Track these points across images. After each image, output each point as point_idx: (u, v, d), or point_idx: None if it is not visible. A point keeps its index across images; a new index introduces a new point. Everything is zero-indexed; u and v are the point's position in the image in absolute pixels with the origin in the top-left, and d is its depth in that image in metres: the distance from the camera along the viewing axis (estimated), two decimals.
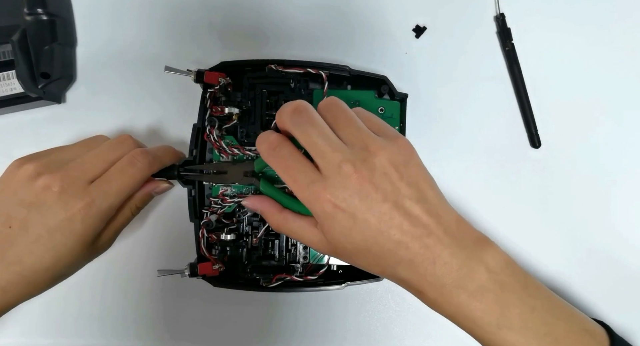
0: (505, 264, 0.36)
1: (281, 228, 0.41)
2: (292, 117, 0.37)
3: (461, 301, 0.35)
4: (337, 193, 0.35)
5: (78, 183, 0.40)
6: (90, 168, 0.42)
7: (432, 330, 0.55)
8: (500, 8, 0.57)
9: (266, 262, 0.49)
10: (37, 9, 0.53)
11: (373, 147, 0.36)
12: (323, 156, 0.36)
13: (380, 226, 0.35)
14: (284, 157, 0.38)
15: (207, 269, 0.48)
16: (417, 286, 0.36)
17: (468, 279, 0.35)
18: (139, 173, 0.43)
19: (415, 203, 0.36)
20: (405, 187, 0.36)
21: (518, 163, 0.56)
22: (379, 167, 0.36)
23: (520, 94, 0.56)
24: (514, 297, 0.36)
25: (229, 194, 0.50)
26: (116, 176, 0.42)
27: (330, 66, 0.51)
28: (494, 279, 0.35)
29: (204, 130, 0.49)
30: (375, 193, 0.35)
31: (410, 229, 0.35)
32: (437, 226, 0.36)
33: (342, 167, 0.35)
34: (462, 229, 0.37)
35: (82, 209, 0.40)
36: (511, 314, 0.35)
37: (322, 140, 0.36)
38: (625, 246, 0.55)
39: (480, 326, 0.36)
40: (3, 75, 0.53)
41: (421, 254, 0.35)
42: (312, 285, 0.50)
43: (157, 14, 0.57)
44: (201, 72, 0.49)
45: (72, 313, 0.55)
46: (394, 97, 0.52)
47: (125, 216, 0.45)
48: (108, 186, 0.41)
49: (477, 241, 0.37)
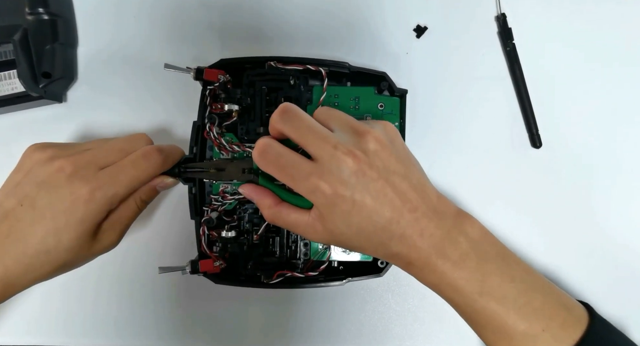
0: (484, 235, 0.39)
1: (275, 220, 0.41)
2: (281, 117, 0.39)
3: (445, 270, 0.37)
4: (335, 178, 0.36)
5: (89, 167, 0.41)
6: (103, 156, 0.43)
7: (432, 330, 0.55)
8: (502, 8, 0.57)
9: (267, 259, 0.49)
10: (38, 8, 0.53)
11: (361, 129, 0.39)
12: (316, 143, 0.37)
13: (375, 204, 0.37)
14: (275, 157, 0.39)
15: (208, 266, 0.48)
16: (407, 258, 0.38)
17: (451, 249, 0.38)
18: (151, 168, 0.44)
19: (402, 179, 0.38)
20: (395, 163, 0.38)
21: (519, 163, 0.56)
22: (370, 145, 0.38)
23: (521, 94, 0.56)
24: (493, 266, 0.38)
25: (230, 192, 0.50)
26: (127, 167, 0.43)
27: (330, 62, 0.51)
28: (474, 248, 0.38)
29: (204, 127, 0.49)
30: (369, 171, 0.37)
31: (400, 204, 0.37)
32: (422, 201, 0.38)
33: (336, 151, 0.37)
34: (443, 204, 0.39)
35: (87, 193, 0.40)
36: (491, 282, 0.37)
37: (313, 130, 0.38)
38: (626, 246, 0.55)
39: (462, 295, 0.38)
40: (4, 74, 0.53)
41: (410, 227, 0.37)
42: (313, 281, 0.50)
43: (157, 14, 0.58)
44: (201, 69, 0.49)
45: (72, 312, 0.55)
46: (393, 94, 0.52)
47: (130, 208, 0.45)
48: (117, 175, 0.42)
49: (457, 214, 0.39)
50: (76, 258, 0.42)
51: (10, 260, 0.39)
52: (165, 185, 0.47)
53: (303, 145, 0.38)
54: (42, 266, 0.40)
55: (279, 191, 0.42)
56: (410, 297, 0.55)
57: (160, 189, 0.47)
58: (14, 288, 0.41)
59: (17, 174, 0.42)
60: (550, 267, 0.54)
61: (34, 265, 0.40)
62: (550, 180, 0.55)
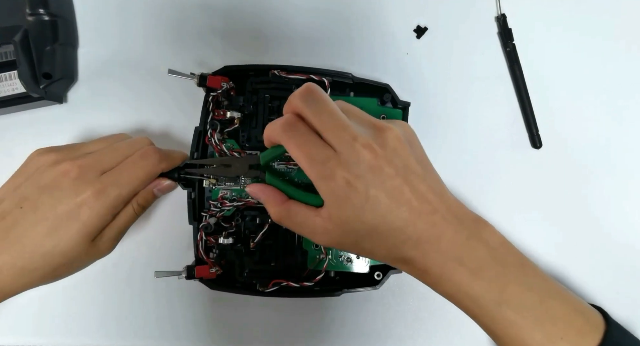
0: (502, 243, 0.38)
1: (283, 219, 0.40)
2: (304, 97, 0.37)
3: (463, 278, 0.36)
4: (351, 169, 0.35)
5: (93, 171, 0.42)
6: (106, 159, 0.43)
7: (432, 330, 0.55)
8: (502, 9, 0.57)
9: (263, 267, 0.49)
10: (39, 9, 0.53)
11: (380, 125, 0.37)
12: (337, 132, 0.36)
13: (391, 203, 0.35)
14: (299, 133, 0.37)
15: (204, 272, 0.48)
16: (422, 265, 0.37)
17: (470, 256, 0.36)
18: (149, 166, 0.44)
19: (421, 180, 0.37)
20: (414, 163, 0.37)
21: (519, 163, 0.56)
22: (390, 142, 0.36)
23: (521, 94, 0.56)
24: (512, 275, 0.37)
25: (229, 198, 0.50)
26: (127, 168, 0.43)
27: (334, 72, 0.51)
28: (493, 256, 0.37)
29: (206, 133, 0.49)
30: (387, 167, 0.35)
31: (418, 206, 0.36)
32: (441, 204, 0.37)
33: (355, 142, 0.35)
34: (462, 210, 0.38)
35: (91, 196, 0.41)
36: (510, 291, 0.36)
37: (336, 117, 0.36)
38: (626, 245, 0.55)
39: (480, 304, 0.36)
40: (5, 75, 0.53)
41: (427, 231, 0.36)
42: (308, 292, 0.50)
43: (159, 17, 0.57)
44: (204, 75, 0.49)
45: (70, 313, 0.55)
46: (396, 106, 0.52)
47: (128, 214, 0.45)
48: (119, 176, 0.43)
49: (476, 221, 0.38)
50: (72, 262, 0.42)
51: (2, 262, 0.39)
52: (163, 188, 0.47)
53: (321, 130, 0.37)
54: (35, 270, 0.40)
55: (287, 187, 0.41)
56: (411, 297, 0.55)
57: (158, 193, 0.47)
58: (6, 291, 0.41)
59: (18, 178, 0.43)
60: (550, 267, 0.55)
61: (28, 269, 0.40)
62: (550, 180, 0.56)
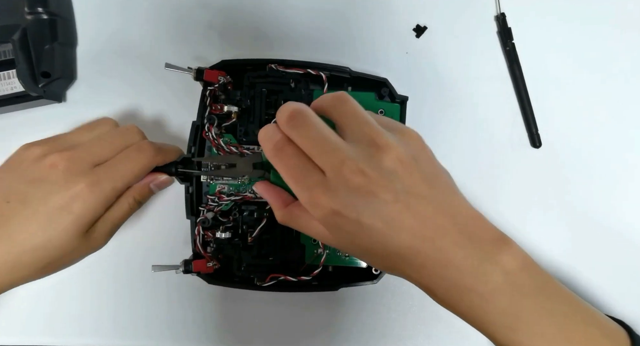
0: (523, 266, 0.34)
1: (286, 221, 0.39)
2: (288, 123, 0.36)
3: (473, 303, 0.33)
4: (338, 198, 0.33)
5: (84, 163, 0.41)
6: (97, 151, 0.42)
7: (432, 330, 0.55)
8: (501, 7, 0.57)
9: (261, 261, 0.49)
10: (37, 8, 0.53)
11: (380, 142, 0.34)
12: (322, 156, 0.34)
13: (389, 230, 0.33)
14: (287, 157, 0.36)
15: (202, 266, 0.48)
16: (426, 287, 0.35)
17: (481, 282, 0.33)
18: (144, 159, 0.43)
19: (428, 203, 0.33)
20: (419, 184, 0.34)
21: (518, 163, 0.56)
22: (388, 164, 0.33)
23: (520, 93, 0.56)
24: (530, 300, 0.33)
25: (226, 193, 0.50)
26: (122, 161, 0.43)
27: (331, 67, 0.51)
28: (510, 281, 0.33)
29: (203, 128, 0.49)
30: (383, 193, 0.33)
31: (421, 231, 0.33)
32: (452, 226, 0.33)
33: (343, 168, 0.33)
34: (479, 228, 0.35)
35: (84, 188, 0.40)
36: (527, 318, 0.33)
37: (320, 140, 0.34)
38: (626, 246, 0.55)
39: (493, 329, 0.34)
40: (3, 74, 0.53)
41: (433, 257, 0.33)
42: (305, 286, 0.50)
43: (157, 13, 0.58)
44: (201, 70, 0.49)
45: (65, 311, 0.55)
46: (394, 100, 0.52)
47: (123, 208, 0.44)
48: (113, 169, 0.42)
49: (495, 241, 0.34)
50: (64, 256, 0.41)
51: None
52: (160, 183, 0.46)
53: (310, 155, 0.35)
54: (27, 265, 0.39)
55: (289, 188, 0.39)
56: (411, 297, 0.55)
57: (154, 189, 0.46)
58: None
59: (3, 173, 0.42)
60: (550, 267, 0.54)
61: (18, 264, 0.39)
62: (549, 180, 0.55)
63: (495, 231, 0.35)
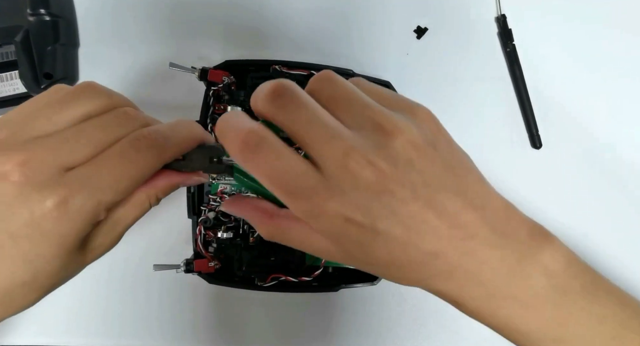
0: (567, 265, 0.29)
1: (274, 237, 0.30)
2: (271, 100, 0.27)
3: (511, 313, 0.28)
4: (348, 200, 0.25)
5: (48, 169, 0.28)
6: (68, 149, 0.29)
7: (433, 330, 0.55)
8: (502, 9, 0.57)
9: (262, 261, 0.49)
10: (40, 9, 0.53)
11: (388, 126, 0.26)
12: (319, 147, 0.26)
13: (410, 235, 0.26)
14: (267, 155, 0.26)
15: (203, 266, 0.48)
16: (457, 298, 0.28)
17: (521, 287, 0.27)
18: (144, 160, 0.30)
19: (454, 195, 0.27)
20: (441, 173, 0.27)
21: (519, 163, 0.56)
22: (400, 152, 0.26)
23: (521, 94, 0.56)
24: (578, 306, 0.28)
25: (228, 192, 0.50)
26: (111, 163, 0.29)
27: (335, 69, 0.51)
28: (553, 284, 0.28)
29: (206, 128, 0.49)
30: (400, 189, 0.26)
31: (448, 232, 0.26)
32: (483, 223, 0.27)
33: (348, 161, 0.25)
34: (513, 220, 0.29)
35: (53, 209, 0.27)
36: (574, 327, 0.28)
37: (316, 125, 0.26)
38: (626, 246, 0.55)
39: (533, 341, 0.29)
40: (6, 75, 0.53)
41: (464, 262, 0.27)
42: (306, 287, 0.50)
43: (160, 14, 0.58)
44: (206, 70, 0.49)
45: (65, 311, 0.55)
46: None
47: (142, 207, 0.34)
48: (95, 177, 0.29)
49: (532, 235, 0.29)
50: (64, 277, 0.32)
51: None
52: (192, 182, 0.35)
53: (300, 144, 0.27)
54: (21, 298, 0.30)
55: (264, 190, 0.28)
56: (411, 297, 0.55)
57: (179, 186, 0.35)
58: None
59: None
60: None
61: (12, 298, 0.30)
62: (550, 180, 0.55)
63: (530, 222, 0.30)
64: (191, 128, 0.34)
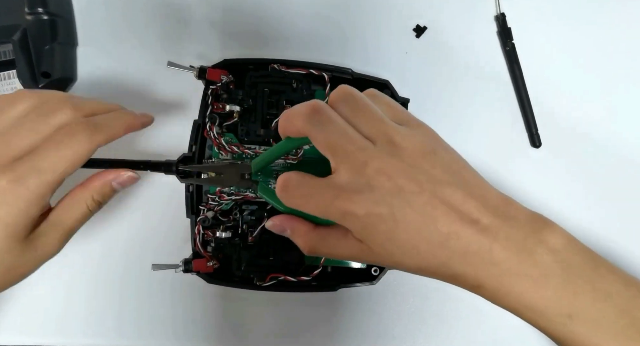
0: (567, 243, 0.32)
1: (317, 247, 0.36)
2: (310, 118, 0.34)
3: (524, 290, 0.31)
4: (367, 197, 0.32)
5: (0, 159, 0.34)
6: (14, 141, 0.35)
7: (432, 330, 0.55)
8: (501, 8, 0.57)
9: (261, 261, 0.49)
10: (37, 8, 0.53)
11: (398, 138, 0.33)
12: (346, 155, 0.32)
13: (424, 219, 0.31)
14: (295, 188, 0.35)
15: (202, 266, 0.48)
16: (474, 280, 0.32)
17: (530, 263, 0.31)
18: (78, 143, 0.35)
19: (456, 188, 0.32)
20: (441, 173, 0.33)
21: (518, 163, 0.56)
22: (408, 159, 0.32)
23: (520, 93, 0.56)
24: (583, 280, 0.31)
25: (227, 192, 0.49)
26: (49, 149, 0.35)
27: (334, 67, 0.51)
28: (558, 260, 0.31)
29: (204, 127, 0.49)
30: (408, 185, 0.32)
31: (456, 215, 0.31)
32: (485, 209, 0.32)
33: (368, 166, 0.32)
34: (511, 207, 0.33)
35: (5, 190, 0.33)
36: (582, 301, 0.31)
37: (344, 138, 0.33)
38: (626, 247, 0.55)
39: (548, 318, 0.31)
40: (4, 74, 0.53)
41: (475, 242, 0.31)
42: (305, 287, 0.50)
43: (158, 12, 0.58)
44: (204, 68, 0.49)
45: (64, 311, 0.55)
46: None
47: (78, 209, 0.38)
48: (39, 161, 0.34)
49: (532, 219, 0.33)
50: (8, 270, 0.35)
51: None
52: (124, 181, 0.40)
53: (328, 153, 0.33)
54: None
55: (281, 206, 0.38)
56: (411, 296, 0.55)
57: (117, 187, 0.40)
58: None
59: None
60: None
61: None
62: (549, 180, 0.55)
63: (527, 209, 0.34)
64: (122, 116, 0.40)
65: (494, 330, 0.53)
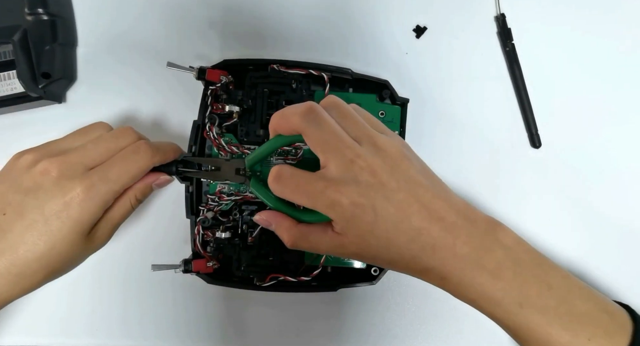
0: (517, 242, 0.37)
1: (299, 242, 0.40)
2: (305, 116, 0.38)
3: (483, 281, 0.36)
4: (353, 189, 0.36)
5: (77, 167, 0.40)
6: (90, 155, 0.41)
7: (432, 330, 0.55)
8: (501, 8, 0.57)
9: (261, 261, 0.49)
10: (38, 9, 0.53)
11: (380, 142, 0.38)
12: (337, 151, 0.37)
13: (400, 214, 0.36)
14: (288, 179, 0.38)
15: (201, 266, 0.48)
16: (441, 272, 0.36)
17: (487, 258, 0.36)
18: (141, 160, 0.42)
19: (426, 190, 0.37)
20: (415, 174, 0.37)
21: (518, 163, 0.56)
22: (389, 160, 0.37)
23: (520, 94, 0.56)
24: (530, 273, 0.36)
25: (226, 192, 0.49)
26: (117, 163, 0.42)
27: (333, 68, 0.51)
28: (510, 256, 0.36)
29: (204, 127, 0.49)
30: (389, 182, 0.36)
31: (427, 214, 0.36)
32: (450, 210, 0.37)
33: (355, 163, 0.36)
34: (471, 210, 0.38)
35: (80, 193, 0.39)
36: (530, 291, 0.35)
37: (336, 137, 0.37)
38: (626, 247, 0.55)
39: (502, 307, 0.36)
40: (4, 75, 0.53)
41: (442, 237, 0.36)
42: (305, 287, 0.50)
43: (158, 13, 0.58)
44: (203, 69, 0.49)
45: (65, 311, 0.55)
46: (395, 102, 0.52)
47: (125, 207, 0.44)
48: (109, 172, 0.41)
49: (488, 222, 0.38)
50: (69, 263, 0.41)
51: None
52: (161, 182, 0.46)
53: (319, 150, 0.37)
54: (34, 274, 0.39)
55: (285, 208, 0.41)
56: (411, 296, 0.55)
57: (155, 187, 0.46)
58: (4, 298, 0.39)
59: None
60: None
61: (25, 274, 0.39)
62: (549, 180, 0.55)
63: (484, 214, 0.39)
64: (173, 145, 0.47)
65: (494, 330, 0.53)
